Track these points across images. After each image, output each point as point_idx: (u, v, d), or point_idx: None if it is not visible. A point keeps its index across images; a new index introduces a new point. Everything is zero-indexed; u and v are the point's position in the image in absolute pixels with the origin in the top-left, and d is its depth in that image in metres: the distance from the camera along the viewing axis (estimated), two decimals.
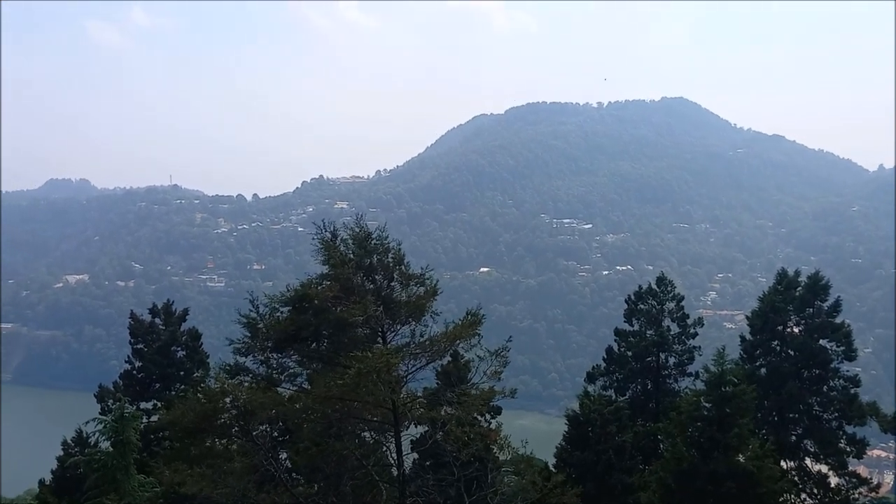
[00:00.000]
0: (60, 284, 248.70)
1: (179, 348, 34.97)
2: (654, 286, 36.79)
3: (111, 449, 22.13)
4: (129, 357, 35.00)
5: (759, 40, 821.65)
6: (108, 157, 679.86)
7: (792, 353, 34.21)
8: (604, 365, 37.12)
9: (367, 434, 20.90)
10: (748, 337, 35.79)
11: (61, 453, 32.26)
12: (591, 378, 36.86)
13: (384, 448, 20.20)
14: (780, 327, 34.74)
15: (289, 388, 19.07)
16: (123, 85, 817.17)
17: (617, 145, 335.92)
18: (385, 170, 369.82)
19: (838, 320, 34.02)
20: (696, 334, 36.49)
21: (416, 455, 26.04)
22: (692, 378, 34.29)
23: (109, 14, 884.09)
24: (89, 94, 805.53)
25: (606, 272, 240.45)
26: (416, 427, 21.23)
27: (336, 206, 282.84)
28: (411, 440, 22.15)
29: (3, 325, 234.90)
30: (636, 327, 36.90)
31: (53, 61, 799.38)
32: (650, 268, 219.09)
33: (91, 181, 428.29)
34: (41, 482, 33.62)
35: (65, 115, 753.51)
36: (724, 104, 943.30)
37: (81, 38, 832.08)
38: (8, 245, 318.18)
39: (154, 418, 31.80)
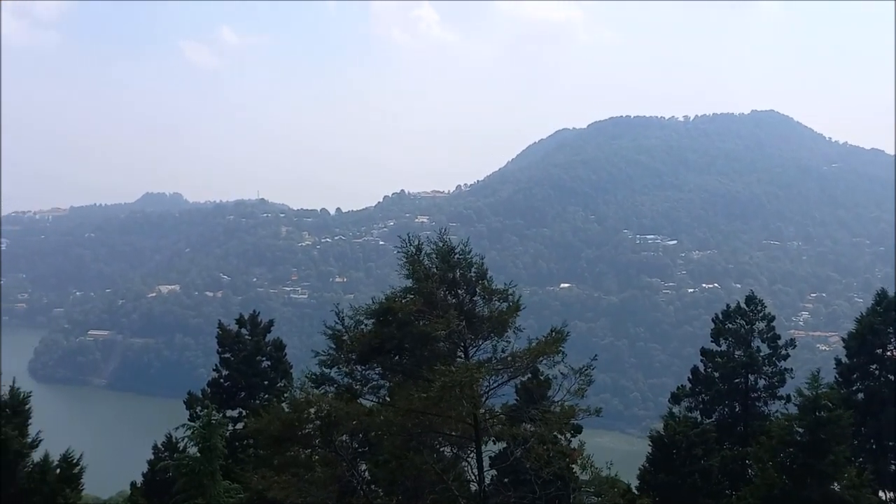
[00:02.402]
0: (153, 294, 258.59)
1: (264, 358, 35.72)
2: (743, 305, 35.59)
3: (198, 454, 22.81)
4: (216, 366, 35.93)
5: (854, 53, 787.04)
6: (200, 172, 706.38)
7: (892, 377, 32.60)
8: (689, 385, 36.04)
9: (446, 449, 20.86)
10: (844, 360, 34.31)
11: (152, 457, 33.26)
12: (675, 399, 35.88)
13: (463, 463, 20.10)
14: (878, 350, 33.19)
15: (371, 400, 19.24)
16: (215, 103, 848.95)
17: (703, 160, 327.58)
18: (466, 184, 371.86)
19: None
20: (788, 356, 35.06)
21: (494, 472, 25.85)
22: (783, 401, 32.97)
23: (201, 35, 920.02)
24: (184, 111, 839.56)
25: (692, 290, 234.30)
26: (494, 443, 21.08)
27: (417, 220, 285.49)
28: (490, 456, 21.98)
29: (100, 333, 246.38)
30: (724, 347, 35.75)
31: (152, 81, 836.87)
32: (738, 286, 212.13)
33: (183, 195, 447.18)
34: (133, 484, 34.65)
35: (161, 132, 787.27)
36: (817, 117, 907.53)
37: (177, 59, 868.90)
38: (106, 256, 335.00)
39: (239, 426, 32.53)
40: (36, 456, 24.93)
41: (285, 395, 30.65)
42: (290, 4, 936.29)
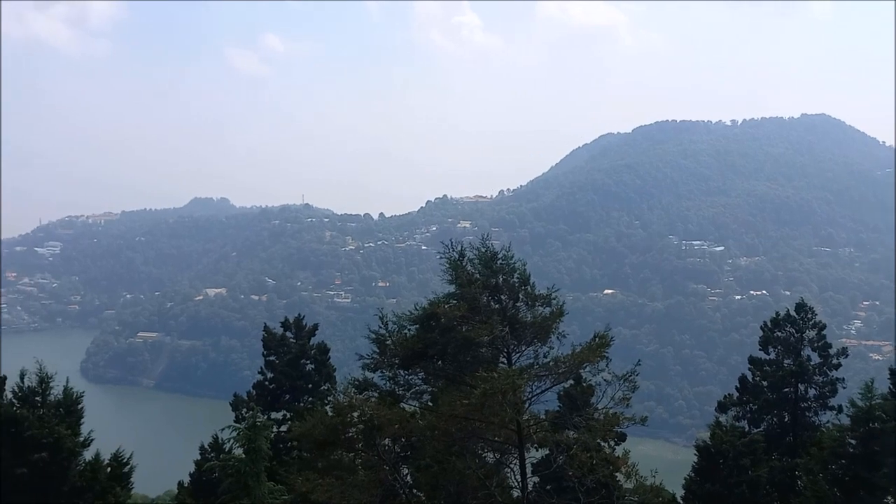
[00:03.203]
0: (200, 297, 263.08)
1: (308, 361, 35.94)
2: (793, 313, 34.84)
3: (244, 456, 23.11)
4: (261, 368, 36.26)
5: None
6: (247, 177, 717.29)
7: None
8: (736, 394, 35.36)
9: (489, 454, 20.81)
10: None
11: (199, 457, 33.68)
12: (722, 407, 35.23)
13: (506, 469, 20.03)
14: None
15: (413, 405, 19.28)
16: (261, 108, 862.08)
17: (752, 164, 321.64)
18: (508, 189, 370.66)
19: None
20: (840, 365, 34.22)
21: (537, 478, 25.70)
22: (834, 412, 32.33)
23: (247, 42, 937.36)
24: (230, 117, 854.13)
25: (739, 297, 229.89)
26: (537, 450, 20.96)
27: (459, 225, 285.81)
28: (532, 462, 21.86)
29: (149, 334, 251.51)
30: (772, 356, 35.02)
31: (199, 87, 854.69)
32: (787, 293, 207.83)
33: (230, 200, 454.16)
34: (180, 484, 35.12)
35: (209, 138, 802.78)
36: (870, 121, 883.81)
37: (224, 65, 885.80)
38: (156, 259, 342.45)
39: (283, 428, 32.83)
40: (88, 454, 25.48)
41: (329, 398, 30.91)
42: (333, 12, 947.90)
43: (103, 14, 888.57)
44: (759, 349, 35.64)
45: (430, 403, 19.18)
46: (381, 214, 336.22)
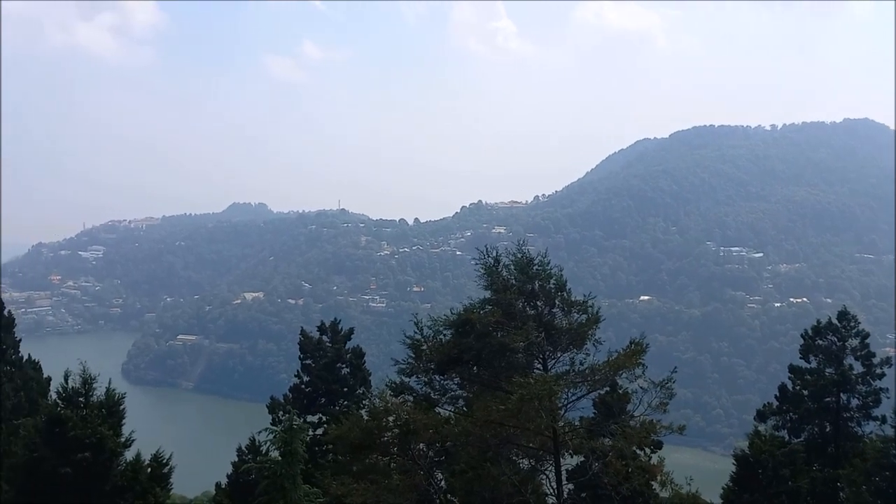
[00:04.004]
0: (238, 301, 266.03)
1: (344, 365, 36.21)
2: (835, 321, 34.13)
3: (280, 458, 23.37)
4: (298, 371, 36.60)
5: None
6: (284, 183, 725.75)
7: None
8: (776, 403, 34.81)
9: (523, 461, 20.75)
10: None
11: (236, 459, 34.09)
12: (761, 416, 34.69)
13: (541, 476, 19.95)
14: None
15: (448, 410, 19.31)
16: (298, 114, 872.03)
17: (792, 170, 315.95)
18: (544, 195, 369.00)
19: None
20: (884, 375, 33.41)
21: (572, 485, 25.54)
22: (878, 422, 31.55)
23: (285, 49, 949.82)
24: (268, 123, 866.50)
25: (779, 304, 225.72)
26: (571, 457, 20.85)
27: (494, 230, 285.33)
28: (567, 469, 21.74)
29: (188, 337, 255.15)
30: (813, 364, 34.38)
31: (238, 94, 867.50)
32: (829, 301, 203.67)
33: (268, 205, 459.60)
34: (217, 485, 35.55)
35: (247, 143, 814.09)
36: None
37: (262, 73, 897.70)
38: (195, 263, 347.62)
39: (319, 431, 33.08)
40: (129, 455, 25.95)
41: (364, 402, 31.08)
42: (369, 18, 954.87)
43: (146, 22, 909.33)
44: (800, 357, 35.01)
45: (465, 409, 19.18)
46: (416, 220, 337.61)
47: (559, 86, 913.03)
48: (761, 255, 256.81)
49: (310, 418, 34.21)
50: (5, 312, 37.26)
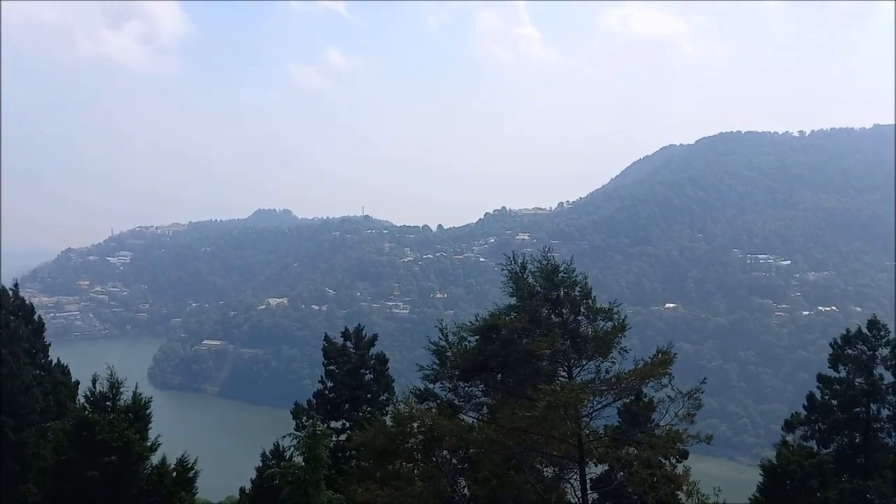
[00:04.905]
0: (263, 307, 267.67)
1: (368, 371, 36.18)
2: (865, 330, 33.56)
3: (304, 464, 23.40)
4: (321, 377, 36.62)
5: None
6: (309, 189, 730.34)
7: None
8: (804, 413, 34.28)
9: (547, 469, 20.60)
10: None
11: (260, 464, 34.19)
12: (789, 426, 34.16)
13: (565, 484, 19.79)
14: None
15: (473, 417, 19.24)
16: (322, 122, 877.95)
17: (820, 177, 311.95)
18: (568, 201, 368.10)
19: None
20: None
21: (596, 494, 25.32)
22: None
23: (309, 57, 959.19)
24: (293, 130, 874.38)
25: (807, 312, 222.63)
26: (596, 465, 20.67)
27: (518, 237, 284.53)
28: (591, 478, 21.56)
29: (213, 342, 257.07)
30: (843, 374, 33.77)
31: (263, 102, 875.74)
32: (858, 309, 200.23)
33: (293, 211, 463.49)
34: (241, 490, 35.67)
35: (272, 150, 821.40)
36: None
37: (287, 80, 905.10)
38: (220, 269, 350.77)
39: (343, 437, 33.12)
40: (154, 459, 26.16)
41: (388, 408, 31.06)
42: (393, 27, 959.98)
43: (173, 31, 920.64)
44: (829, 367, 34.45)
45: (489, 416, 19.10)
46: (440, 226, 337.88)
47: (583, 92, 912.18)
48: (789, 262, 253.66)
49: (333, 424, 34.24)
50: (35, 317, 37.81)
